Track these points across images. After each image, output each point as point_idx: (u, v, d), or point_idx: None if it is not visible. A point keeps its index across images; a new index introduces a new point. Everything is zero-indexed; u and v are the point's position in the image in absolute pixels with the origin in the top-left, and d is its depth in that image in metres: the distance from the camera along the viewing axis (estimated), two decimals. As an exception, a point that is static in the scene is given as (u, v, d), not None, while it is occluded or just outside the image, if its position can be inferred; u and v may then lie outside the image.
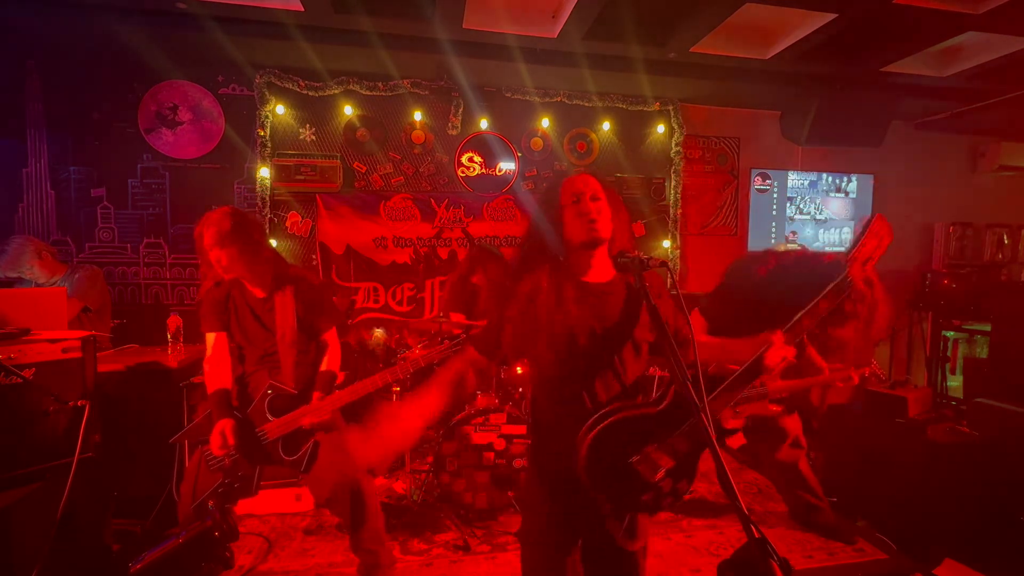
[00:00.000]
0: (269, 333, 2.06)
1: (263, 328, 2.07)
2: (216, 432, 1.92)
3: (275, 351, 2.07)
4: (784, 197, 5.05)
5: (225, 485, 1.98)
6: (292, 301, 2.07)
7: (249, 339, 2.10)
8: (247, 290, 2.10)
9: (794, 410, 2.58)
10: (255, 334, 2.08)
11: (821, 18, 3.39)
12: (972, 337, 4.63)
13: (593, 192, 1.39)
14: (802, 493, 2.65)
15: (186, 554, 1.94)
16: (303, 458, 2.00)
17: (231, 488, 1.99)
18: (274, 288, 2.08)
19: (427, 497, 2.82)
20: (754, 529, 0.96)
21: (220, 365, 2.08)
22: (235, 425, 1.93)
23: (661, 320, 1.25)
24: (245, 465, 1.99)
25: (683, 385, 1.15)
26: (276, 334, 2.05)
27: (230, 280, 2.08)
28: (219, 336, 2.10)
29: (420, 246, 4.37)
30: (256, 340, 2.08)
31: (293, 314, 2.06)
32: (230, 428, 1.92)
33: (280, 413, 1.99)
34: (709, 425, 1.10)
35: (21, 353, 1.75)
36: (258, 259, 2.04)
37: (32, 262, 3.01)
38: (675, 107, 4.65)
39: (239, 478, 1.99)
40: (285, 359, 2.05)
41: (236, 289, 2.10)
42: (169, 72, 3.92)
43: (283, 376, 2.06)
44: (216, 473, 2.00)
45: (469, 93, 4.27)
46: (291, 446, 2.00)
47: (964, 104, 4.65)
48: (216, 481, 1.99)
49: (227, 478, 1.98)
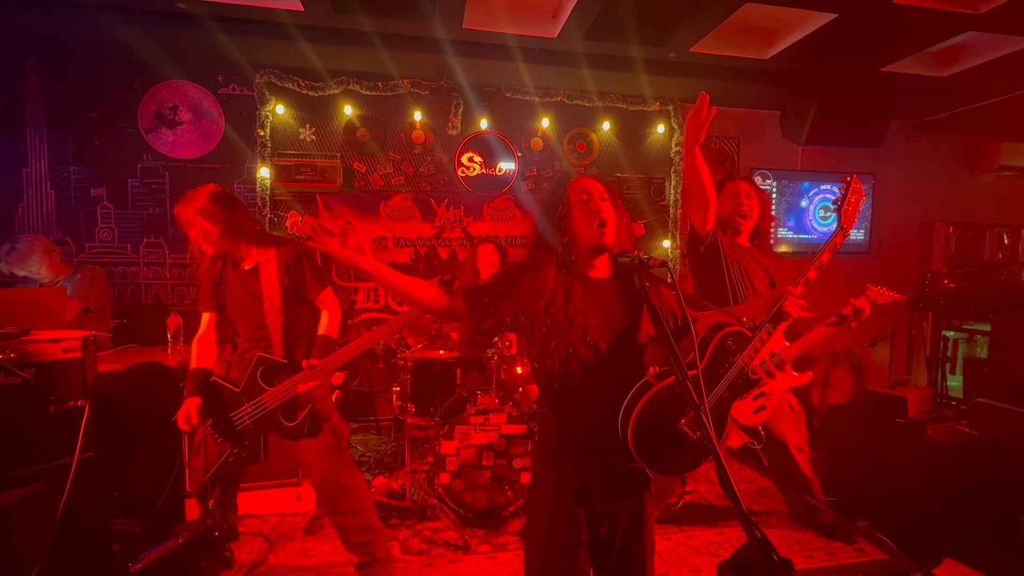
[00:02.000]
0: (258, 302, 2.07)
1: (252, 298, 2.08)
2: (182, 410, 1.98)
3: (263, 322, 2.08)
4: (783, 197, 5.06)
5: (234, 454, 2.04)
6: (276, 267, 2.08)
7: (240, 311, 2.11)
8: (236, 263, 2.13)
9: (800, 415, 2.58)
10: (245, 305, 2.09)
11: (821, 18, 3.39)
12: (972, 337, 4.63)
13: (601, 193, 1.44)
14: (803, 494, 2.65)
15: (186, 554, 1.95)
16: (303, 424, 2.04)
17: (240, 456, 2.05)
18: (261, 257, 2.10)
19: (427, 497, 2.83)
20: (754, 529, 0.96)
21: (205, 344, 2.13)
22: (200, 404, 2.00)
23: (661, 320, 1.26)
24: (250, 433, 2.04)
25: (683, 384, 1.15)
26: (264, 303, 2.06)
27: (221, 256, 2.12)
28: (212, 316, 2.16)
29: (420, 246, 4.37)
30: (247, 312, 2.10)
31: (277, 280, 2.07)
32: (195, 407, 1.98)
33: (273, 382, 2.02)
34: (709, 425, 1.10)
35: (21, 353, 1.75)
36: (241, 231, 2.05)
37: (41, 262, 3.02)
38: (675, 107, 4.65)
39: (246, 447, 2.05)
40: (273, 327, 2.07)
41: (228, 264, 2.13)
42: (169, 72, 3.93)
43: (274, 344, 2.07)
44: (223, 444, 2.05)
45: (469, 93, 4.27)
46: (289, 413, 2.04)
47: (964, 104, 4.65)
48: (225, 451, 2.04)
49: (235, 447, 2.04)
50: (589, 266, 1.45)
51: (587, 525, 1.41)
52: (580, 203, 1.42)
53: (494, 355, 2.94)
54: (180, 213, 2.01)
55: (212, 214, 1.98)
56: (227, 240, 2.03)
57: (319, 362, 2.01)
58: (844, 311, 2.14)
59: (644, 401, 1.37)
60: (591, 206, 1.41)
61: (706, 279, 2.40)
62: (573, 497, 1.40)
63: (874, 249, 5.28)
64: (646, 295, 1.30)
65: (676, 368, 1.17)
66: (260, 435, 2.06)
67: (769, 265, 2.46)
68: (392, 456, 3.70)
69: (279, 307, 2.06)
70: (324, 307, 2.18)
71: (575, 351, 1.37)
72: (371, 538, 2.16)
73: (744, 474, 3.42)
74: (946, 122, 4.98)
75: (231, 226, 2.02)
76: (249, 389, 2.03)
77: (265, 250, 2.11)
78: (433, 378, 2.95)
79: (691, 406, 1.14)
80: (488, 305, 1.42)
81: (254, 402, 2.02)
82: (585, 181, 1.47)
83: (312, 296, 2.15)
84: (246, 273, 2.10)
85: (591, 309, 1.39)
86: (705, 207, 2.18)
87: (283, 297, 2.07)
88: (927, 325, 4.89)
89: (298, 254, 2.14)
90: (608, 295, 1.43)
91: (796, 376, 2.21)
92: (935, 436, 2.76)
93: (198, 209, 1.98)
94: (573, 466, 1.42)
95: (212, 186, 2.06)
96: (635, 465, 1.40)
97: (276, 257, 2.10)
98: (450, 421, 2.74)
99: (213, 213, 1.98)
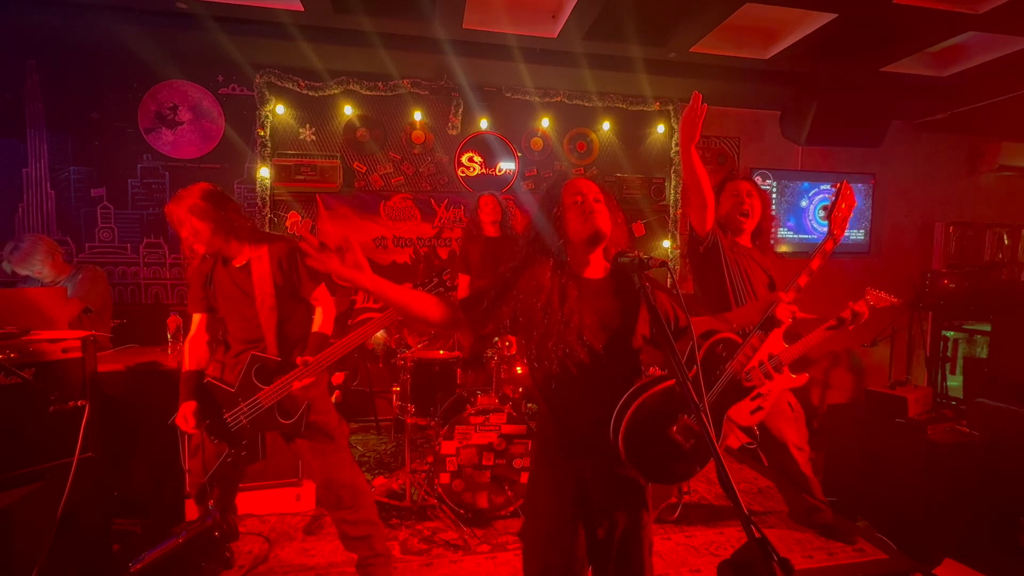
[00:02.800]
0: (250, 300, 2.06)
1: (244, 295, 2.07)
2: (179, 415, 2.00)
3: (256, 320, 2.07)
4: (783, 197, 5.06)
5: (233, 454, 2.04)
6: (268, 264, 2.07)
7: (232, 309, 2.10)
8: (228, 261, 2.12)
9: (800, 415, 2.58)
10: (237, 303, 2.08)
11: (821, 18, 3.40)
12: (972, 337, 4.63)
13: (595, 195, 1.45)
14: (803, 494, 2.65)
15: (186, 554, 1.94)
16: (300, 420, 2.05)
17: (239, 456, 2.05)
18: (253, 255, 2.09)
19: (427, 497, 2.83)
20: (754, 529, 0.96)
21: (197, 345, 2.13)
22: (197, 407, 2.01)
23: (660, 320, 1.26)
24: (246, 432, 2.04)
25: (682, 384, 1.15)
26: (256, 301, 2.05)
27: (213, 255, 2.11)
28: (203, 317, 2.16)
29: (420, 246, 4.37)
30: (239, 310, 2.08)
31: (270, 278, 2.06)
32: (191, 411, 1.99)
33: (268, 381, 2.02)
34: (709, 425, 1.10)
35: (21, 353, 1.75)
36: (232, 228, 2.05)
37: (44, 262, 3.02)
38: (675, 107, 4.65)
39: (243, 446, 2.05)
40: (267, 325, 2.06)
41: (219, 263, 2.12)
42: (169, 72, 3.93)
43: (267, 342, 2.07)
44: (221, 445, 2.05)
45: (469, 93, 4.27)
46: (285, 410, 2.05)
47: (964, 104, 4.65)
48: (223, 452, 2.04)
49: (232, 447, 2.04)
50: (584, 267, 1.46)
51: (585, 525, 1.41)
52: (574, 204, 1.43)
53: (494, 355, 2.94)
54: (171, 212, 2.01)
55: (203, 212, 1.98)
56: (218, 238, 2.02)
57: (312, 359, 2.00)
58: (843, 314, 2.13)
59: (635, 407, 1.36)
60: (585, 207, 1.42)
61: (706, 279, 2.40)
62: (572, 497, 1.41)
63: (874, 249, 5.28)
64: (646, 295, 1.30)
65: (676, 368, 1.17)
66: (258, 434, 2.06)
67: (770, 266, 2.45)
68: (392, 456, 3.70)
69: (272, 304, 2.05)
70: (318, 304, 2.17)
71: (572, 351, 1.37)
72: (372, 533, 2.16)
73: (744, 474, 3.42)
74: (946, 122, 4.97)
75: (222, 224, 2.01)
76: (244, 389, 2.02)
77: (257, 247, 2.10)
78: (433, 378, 2.95)
79: (691, 407, 1.14)
80: (487, 310, 1.42)
81: (249, 401, 2.01)
82: (580, 183, 1.47)
83: (306, 293, 2.14)
84: (238, 271, 2.09)
85: (586, 310, 1.39)
86: (703, 206, 2.18)
87: (276, 295, 2.06)
88: (927, 325, 4.89)
89: (291, 250, 2.12)
90: (603, 295, 1.44)
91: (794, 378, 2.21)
92: (935, 436, 2.76)
93: (189, 207, 1.98)
94: (572, 466, 1.42)
95: (203, 184, 2.06)
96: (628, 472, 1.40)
97: (268, 254, 2.09)
98: (450, 421, 2.74)
99: (204, 211, 1.98)
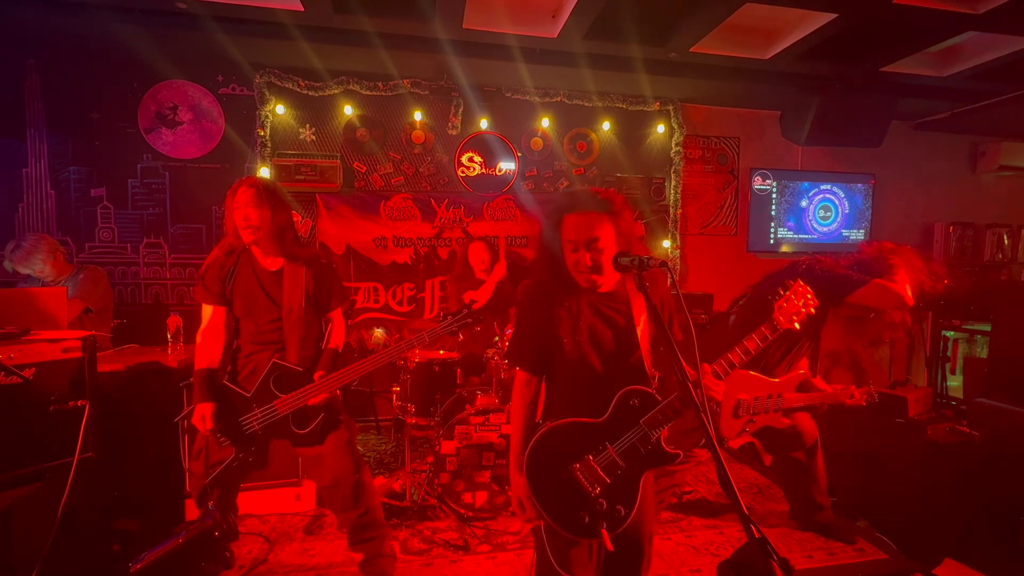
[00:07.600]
0: (275, 307, 2.06)
1: (269, 301, 2.06)
2: (196, 415, 1.97)
3: (276, 326, 2.07)
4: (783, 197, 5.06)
5: (239, 459, 2.01)
6: (304, 279, 2.08)
7: (250, 311, 2.08)
8: (257, 261, 2.09)
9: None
10: (259, 306, 2.07)
11: (821, 18, 3.39)
12: (972, 337, 4.62)
13: (590, 239, 1.39)
14: (811, 492, 2.64)
15: (186, 554, 1.94)
16: (315, 431, 2.04)
17: (246, 462, 2.02)
18: (287, 264, 2.09)
19: (427, 497, 2.83)
20: (754, 529, 0.96)
21: (213, 340, 2.09)
22: (215, 409, 1.98)
23: (660, 319, 1.28)
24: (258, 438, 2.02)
25: (682, 385, 1.16)
26: (283, 309, 2.06)
27: (241, 250, 2.08)
28: (216, 310, 2.10)
29: (420, 246, 4.37)
30: (257, 312, 2.07)
31: (303, 291, 2.07)
32: (210, 412, 1.97)
33: (286, 390, 2.01)
34: (709, 425, 1.10)
35: (21, 353, 1.74)
36: (282, 230, 2.05)
37: (46, 261, 3.01)
38: (675, 107, 4.65)
39: (252, 452, 2.02)
40: (290, 335, 2.06)
41: (246, 258, 2.09)
42: (169, 72, 3.93)
43: (288, 352, 2.07)
44: (226, 449, 2.02)
45: (469, 93, 4.27)
46: (301, 420, 2.04)
47: (964, 104, 4.65)
48: (227, 456, 2.01)
49: (240, 451, 2.01)
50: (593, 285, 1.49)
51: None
52: (570, 251, 1.43)
53: (494, 355, 2.94)
54: (237, 190, 2.00)
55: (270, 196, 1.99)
56: (265, 234, 2.01)
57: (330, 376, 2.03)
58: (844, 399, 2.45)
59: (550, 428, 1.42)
60: (579, 256, 1.41)
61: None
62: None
63: (874, 249, 5.28)
64: (647, 294, 1.33)
65: (676, 368, 1.17)
66: (267, 441, 2.05)
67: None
68: (392, 456, 3.70)
69: (300, 315, 2.06)
70: (333, 321, 2.22)
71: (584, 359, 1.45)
72: (379, 533, 2.17)
73: (744, 474, 3.42)
74: (946, 122, 4.98)
75: (279, 217, 2.03)
76: (261, 394, 2.01)
77: (294, 256, 2.10)
78: (433, 378, 2.95)
79: (691, 407, 1.14)
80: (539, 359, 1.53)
81: (264, 408, 2.00)
82: (579, 221, 1.40)
83: (331, 310, 2.19)
84: (269, 274, 2.08)
85: (597, 320, 1.46)
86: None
87: (305, 306, 2.07)
88: (927, 325, 4.88)
89: (328, 267, 2.17)
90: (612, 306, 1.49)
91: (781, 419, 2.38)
92: (935, 436, 2.77)
93: (259, 188, 1.99)
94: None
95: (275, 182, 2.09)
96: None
97: (305, 265, 2.10)
98: (450, 421, 2.74)
99: (271, 196, 2.00)
